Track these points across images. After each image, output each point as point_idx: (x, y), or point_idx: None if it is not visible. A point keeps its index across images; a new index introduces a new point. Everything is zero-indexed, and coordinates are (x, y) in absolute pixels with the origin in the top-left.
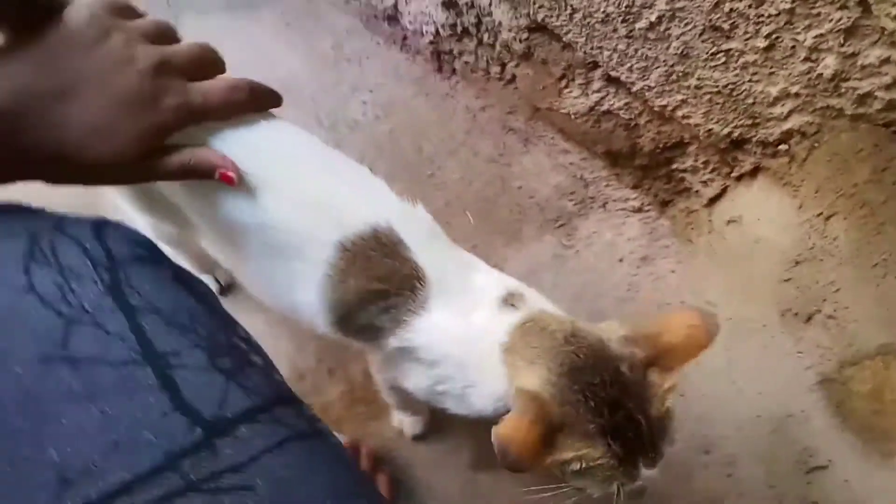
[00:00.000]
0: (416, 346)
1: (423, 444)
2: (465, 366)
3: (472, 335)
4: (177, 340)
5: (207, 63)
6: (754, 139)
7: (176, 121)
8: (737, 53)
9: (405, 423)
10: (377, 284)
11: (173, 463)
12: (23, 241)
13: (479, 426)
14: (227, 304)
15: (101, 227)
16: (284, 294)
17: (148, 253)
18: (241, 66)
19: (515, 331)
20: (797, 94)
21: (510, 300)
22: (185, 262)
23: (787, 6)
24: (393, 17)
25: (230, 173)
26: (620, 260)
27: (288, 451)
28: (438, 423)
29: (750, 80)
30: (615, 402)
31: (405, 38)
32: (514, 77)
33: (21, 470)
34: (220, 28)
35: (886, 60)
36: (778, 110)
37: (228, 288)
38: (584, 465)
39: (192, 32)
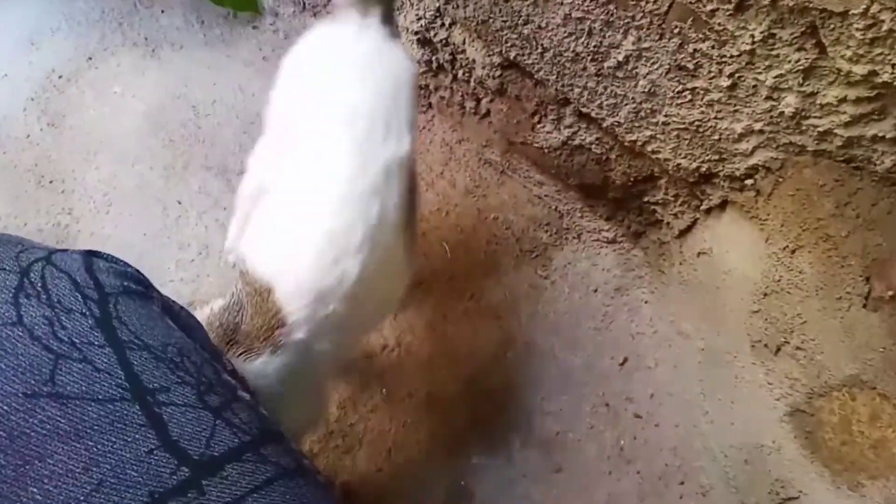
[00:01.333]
0: None
1: (397, 478)
2: None
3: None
4: (165, 377)
5: None
6: (721, 174)
7: None
8: (702, 92)
9: None
10: None
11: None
12: (13, 273)
13: (456, 469)
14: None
15: (92, 260)
16: None
17: (137, 286)
18: (219, 100)
19: None
20: (761, 131)
21: None
22: None
23: (748, 47)
24: None
25: None
26: (595, 290)
27: (274, 491)
28: (412, 457)
29: (715, 118)
30: None
31: None
32: (488, 112)
33: None
34: (197, 63)
35: (843, 100)
36: (743, 146)
37: None
38: None
39: (170, 67)
